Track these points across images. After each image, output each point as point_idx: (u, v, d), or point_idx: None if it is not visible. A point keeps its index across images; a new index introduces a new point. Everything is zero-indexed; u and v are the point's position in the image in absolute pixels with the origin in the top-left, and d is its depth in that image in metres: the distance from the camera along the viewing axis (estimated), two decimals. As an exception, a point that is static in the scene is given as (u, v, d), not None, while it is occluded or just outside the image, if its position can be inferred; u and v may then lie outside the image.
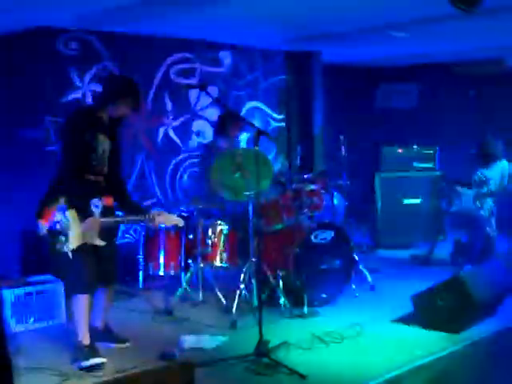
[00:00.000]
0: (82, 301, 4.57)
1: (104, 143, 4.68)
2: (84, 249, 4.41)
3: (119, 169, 4.93)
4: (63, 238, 4.35)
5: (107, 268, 4.74)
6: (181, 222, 4.80)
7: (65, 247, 4.35)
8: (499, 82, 9.29)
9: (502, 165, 7.00)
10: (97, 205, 4.46)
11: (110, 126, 4.76)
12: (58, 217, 4.35)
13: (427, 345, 4.87)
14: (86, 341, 4.62)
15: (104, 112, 4.70)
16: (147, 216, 4.58)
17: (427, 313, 5.32)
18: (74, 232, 4.35)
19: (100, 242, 4.48)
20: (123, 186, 4.99)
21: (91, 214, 4.40)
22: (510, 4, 5.74)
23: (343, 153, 7.00)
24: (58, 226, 4.35)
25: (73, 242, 4.36)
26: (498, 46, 8.19)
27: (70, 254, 4.36)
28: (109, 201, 4.66)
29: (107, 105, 4.69)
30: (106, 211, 4.54)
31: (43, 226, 4.39)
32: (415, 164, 8.89)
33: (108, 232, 4.60)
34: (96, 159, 4.62)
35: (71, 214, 4.35)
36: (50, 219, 4.37)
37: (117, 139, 4.85)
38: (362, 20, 6.79)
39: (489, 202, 6.82)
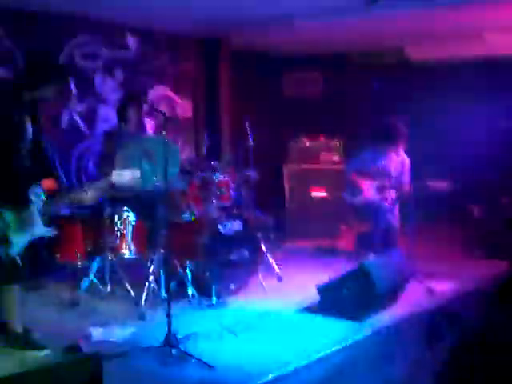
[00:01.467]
0: (13, 291, 4.51)
1: (28, 125, 4.48)
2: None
3: (46, 149, 4.76)
4: (5, 245, 4.20)
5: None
6: (137, 174, 4.71)
7: (9, 254, 4.23)
8: (401, 71, 9.53)
9: (402, 155, 7.16)
10: (37, 193, 4.32)
11: (31, 105, 4.55)
12: None
13: (333, 333, 4.97)
14: (20, 328, 4.55)
15: (26, 94, 4.48)
16: (81, 192, 4.52)
17: (333, 302, 5.44)
18: (18, 235, 4.23)
19: (47, 232, 4.43)
20: (52, 169, 4.87)
21: (32, 205, 4.27)
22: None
23: (250, 142, 7.02)
24: None
25: (16, 247, 4.26)
26: (398, 36, 8.43)
27: (18, 261, 4.24)
28: (50, 184, 4.50)
29: (29, 86, 4.48)
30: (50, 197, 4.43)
31: None
32: (322, 155, 9.03)
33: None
34: (23, 144, 4.43)
35: (8, 217, 4.21)
36: None
37: (38, 117, 4.66)
38: (269, 7, 6.81)
39: (391, 193, 7.00)
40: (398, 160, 7.10)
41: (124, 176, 4.86)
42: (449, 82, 9.17)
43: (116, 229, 5.77)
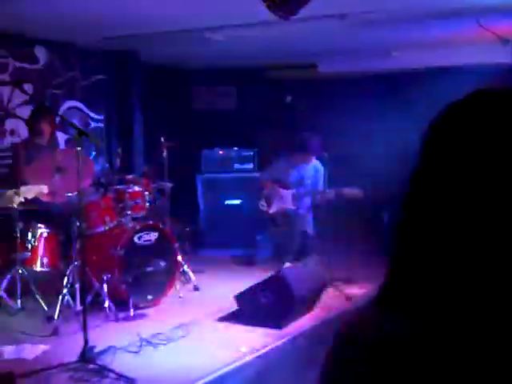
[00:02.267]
0: None
1: None
2: None
3: None
4: None
5: None
6: (45, 189, 4.61)
7: None
8: (313, 86, 9.74)
9: (315, 164, 7.29)
10: None
11: None
12: None
13: (251, 342, 4.97)
14: None
15: None
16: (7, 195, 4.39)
17: (251, 310, 5.46)
18: None
19: None
20: None
21: None
22: (321, 13, 6.06)
23: (164, 154, 6.99)
24: None
25: None
26: (310, 52, 8.59)
27: None
28: None
29: None
30: None
31: None
32: (236, 165, 9.09)
33: None
34: None
35: None
36: None
37: None
38: (180, 21, 6.82)
39: (306, 201, 7.10)
40: (312, 168, 7.21)
41: (32, 190, 4.74)
42: (358, 95, 9.42)
43: (27, 242, 5.60)
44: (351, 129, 9.23)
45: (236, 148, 9.15)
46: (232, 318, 5.58)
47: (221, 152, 9.09)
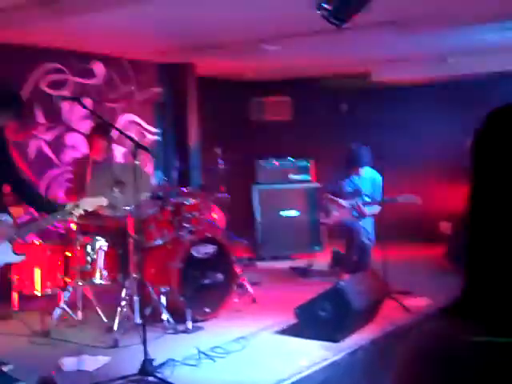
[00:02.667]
0: None
1: None
2: None
3: (16, 175, 4.79)
4: None
5: None
6: (105, 202, 4.71)
7: None
8: (367, 95, 9.67)
9: (372, 173, 7.23)
10: (7, 223, 4.39)
11: None
12: None
13: (310, 355, 4.92)
14: None
15: None
16: (67, 209, 4.52)
17: (309, 323, 5.40)
18: None
19: (16, 258, 4.49)
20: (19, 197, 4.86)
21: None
22: (378, 20, 6.00)
23: (220, 166, 7.01)
24: None
25: None
26: (364, 60, 8.53)
27: None
28: (18, 212, 4.49)
29: None
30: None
31: None
32: (291, 176, 9.05)
33: None
34: None
35: None
36: None
37: (5, 145, 4.65)
38: (235, 33, 6.85)
39: (364, 212, 7.02)
40: (368, 178, 7.15)
41: (91, 203, 4.82)
42: (413, 102, 9.35)
43: (87, 255, 5.69)
44: (407, 137, 9.14)
45: (292, 158, 9.11)
46: (290, 330, 5.53)
47: (276, 163, 9.07)
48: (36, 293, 5.77)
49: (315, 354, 4.95)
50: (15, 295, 5.95)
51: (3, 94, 4.62)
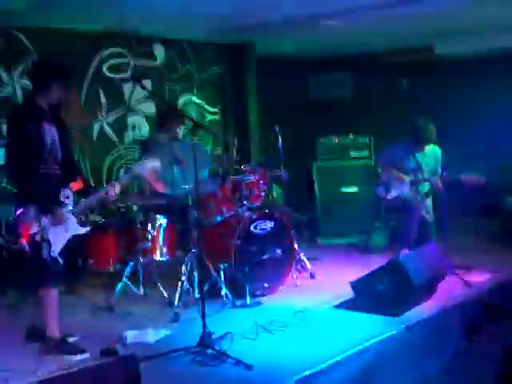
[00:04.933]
0: (53, 294, 4.60)
1: (51, 131, 4.61)
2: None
3: (71, 153, 4.98)
4: (47, 246, 4.38)
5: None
6: (157, 164, 4.92)
7: (51, 254, 4.43)
8: (430, 70, 9.48)
9: (434, 149, 7.10)
10: (67, 195, 4.54)
11: (51, 112, 4.69)
12: (35, 228, 4.39)
13: (368, 329, 4.92)
14: (57, 334, 4.62)
15: (41, 100, 4.63)
16: (108, 186, 4.73)
17: (367, 298, 5.40)
18: (56, 236, 4.45)
19: (82, 230, 4.68)
20: (77, 170, 5.05)
21: (63, 207, 4.49)
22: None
23: (279, 143, 7.03)
24: (37, 238, 4.39)
25: (57, 245, 4.47)
26: (426, 34, 8.36)
27: (60, 260, 4.46)
28: (78, 185, 4.67)
29: (41, 92, 4.62)
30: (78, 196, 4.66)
31: (25, 244, 4.41)
32: (351, 152, 9.01)
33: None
34: (47, 150, 4.57)
35: (44, 221, 4.41)
36: (28, 234, 4.39)
37: (62, 124, 4.80)
38: (294, 9, 6.83)
39: (424, 187, 6.93)
40: (430, 153, 7.03)
41: (146, 166, 4.94)
42: (477, 76, 9.14)
43: (147, 232, 5.82)
44: (470, 112, 8.95)
45: (352, 135, 9.06)
46: (348, 305, 5.54)
47: (336, 139, 9.03)
48: (99, 268, 5.96)
49: (373, 328, 4.95)
50: (80, 271, 6.15)
51: (53, 67, 4.72)
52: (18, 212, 4.45)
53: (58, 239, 4.51)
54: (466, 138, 8.70)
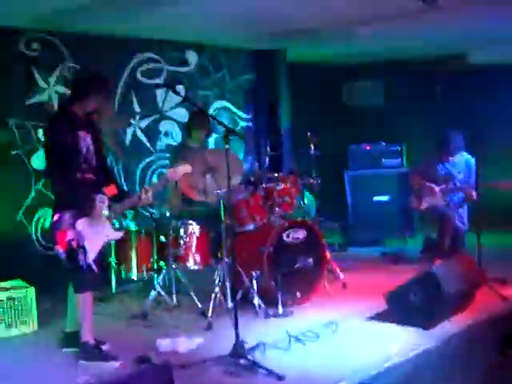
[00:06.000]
0: (89, 300, 4.66)
1: (86, 139, 4.71)
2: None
3: (105, 159, 5.06)
4: (83, 252, 4.45)
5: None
6: (189, 169, 4.94)
7: (87, 260, 4.48)
8: (463, 78, 9.40)
9: (466, 158, 7.06)
10: (102, 201, 4.58)
11: (87, 120, 4.78)
12: (71, 234, 4.45)
13: (402, 341, 4.87)
14: (92, 340, 4.68)
15: (78, 109, 4.71)
16: (141, 191, 4.78)
17: (400, 309, 5.34)
18: (91, 242, 4.51)
19: (116, 235, 4.78)
20: (111, 176, 5.12)
21: (98, 212, 4.55)
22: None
23: (311, 151, 7.01)
24: (74, 244, 4.45)
25: (92, 252, 4.53)
26: (460, 40, 8.28)
27: (94, 266, 4.49)
28: (112, 190, 4.71)
29: (79, 102, 4.71)
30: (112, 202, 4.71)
31: (61, 251, 4.48)
32: (383, 161, 8.96)
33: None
34: (83, 157, 4.66)
35: (80, 226, 4.47)
36: (65, 241, 4.45)
37: (97, 131, 4.89)
38: (326, 17, 6.81)
39: (457, 197, 6.88)
40: (462, 162, 6.98)
41: (178, 171, 4.97)
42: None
43: (181, 240, 5.83)
44: (504, 121, 8.86)
45: (384, 143, 9.01)
46: (381, 316, 5.50)
47: (368, 147, 8.99)
48: (132, 276, 5.99)
49: (406, 340, 4.90)
50: (113, 278, 6.19)
51: (93, 79, 4.80)
52: (55, 218, 4.52)
53: (94, 245, 4.55)
54: (503, 147, 8.61)
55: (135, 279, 6.07)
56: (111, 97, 4.93)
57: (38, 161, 6.78)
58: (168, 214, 5.95)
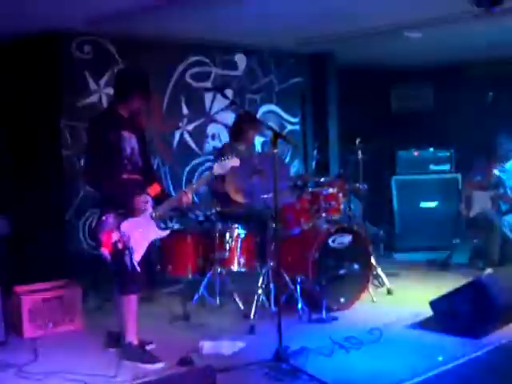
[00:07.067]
0: (134, 301, 4.69)
1: (131, 140, 4.72)
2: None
3: (149, 160, 5.07)
4: (129, 253, 4.49)
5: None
6: (237, 162, 4.94)
7: (133, 261, 4.51)
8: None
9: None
10: (146, 200, 4.62)
11: (131, 120, 4.79)
12: (115, 236, 4.49)
13: (448, 350, 4.79)
14: (136, 341, 4.72)
15: (122, 109, 4.73)
16: (181, 192, 4.82)
17: (447, 317, 5.26)
18: (136, 243, 4.55)
19: (162, 233, 4.81)
20: (155, 176, 5.12)
21: (143, 212, 4.59)
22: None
23: (359, 156, 6.96)
24: (119, 245, 4.48)
25: (138, 252, 4.56)
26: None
27: (138, 268, 4.51)
28: (156, 190, 4.73)
29: (121, 101, 4.74)
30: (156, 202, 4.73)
31: (106, 253, 4.52)
32: (431, 166, 8.86)
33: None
34: (127, 158, 4.68)
35: (125, 227, 4.51)
36: (110, 242, 4.49)
37: (142, 132, 4.91)
38: (376, 21, 6.75)
39: (507, 204, 6.76)
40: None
41: (226, 166, 4.95)
42: None
43: (226, 243, 5.84)
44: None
45: (432, 148, 8.90)
46: (426, 324, 5.43)
47: (416, 153, 8.90)
48: (177, 277, 6.02)
49: (452, 349, 4.82)
50: (158, 279, 6.24)
51: (133, 79, 4.80)
52: (100, 219, 4.56)
53: (139, 246, 4.59)
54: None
55: (179, 280, 6.11)
56: (158, 99, 4.91)
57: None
58: (213, 216, 5.96)
